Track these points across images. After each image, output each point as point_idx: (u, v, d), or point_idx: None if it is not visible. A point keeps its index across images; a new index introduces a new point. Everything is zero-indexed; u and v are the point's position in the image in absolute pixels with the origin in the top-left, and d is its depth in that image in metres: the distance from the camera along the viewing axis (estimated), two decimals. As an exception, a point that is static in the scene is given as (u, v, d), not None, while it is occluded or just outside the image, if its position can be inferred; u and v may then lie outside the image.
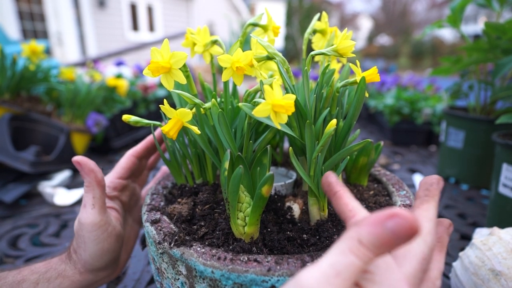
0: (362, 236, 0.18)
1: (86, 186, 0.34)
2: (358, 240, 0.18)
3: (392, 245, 0.18)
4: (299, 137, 0.34)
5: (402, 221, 0.17)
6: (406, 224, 0.17)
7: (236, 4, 8.49)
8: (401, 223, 0.17)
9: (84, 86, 1.05)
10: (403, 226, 0.17)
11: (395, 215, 0.17)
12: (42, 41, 1.14)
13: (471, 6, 0.87)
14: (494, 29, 0.66)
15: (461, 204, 0.74)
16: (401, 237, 0.17)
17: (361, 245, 0.18)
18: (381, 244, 0.18)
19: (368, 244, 0.18)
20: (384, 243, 0.18)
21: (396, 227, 0.17)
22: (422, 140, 1.27)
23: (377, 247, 0.18)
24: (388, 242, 0.17)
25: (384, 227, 0.18)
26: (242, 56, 0.31)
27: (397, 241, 0.17)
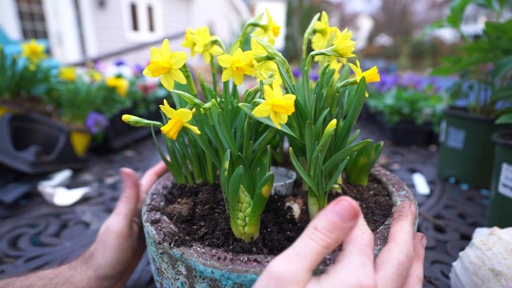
0: (316, 223, 0.22)
1: (126, 197, 0.38)
2: (314, 227, 0.22)
3: (341, 227, 0.22)
4: (299, 137, 0.34)
5: (345, 203, 0.22)
6: (348, 205, 0.22)
7: (236, 4, 8.49)
8: (344, 205, 0.22)
9: (84, 86, 1.05)
10: (346, 207, 0.22)
11: (339, 200, 0.22)
12: (42, 41, 1.14)
13: (471, 6, 0.87)
14: (494, 29, 0.66)
15: (461, 204, 0.74)
16: (346, 217, 0.22)
17: (316, 230, 0.22)
18: (331, 226, 0.21)
19: (321, 229, 0.22)
20: (334, 226, 0.21)
21: (340, 210, 0.22)
22: (422, 140, 1.27)
23: (329, 230, 0.21)
24: (337, 224, 0.21)
25: (331, 211, 0.22)
26: (242, 56, 0.31)
27: (344, 222, 0.22)
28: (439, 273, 0.49)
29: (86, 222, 0.66)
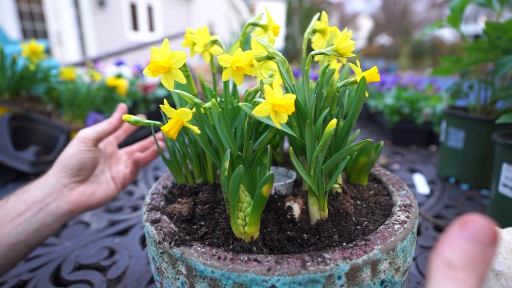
0: (450, 257, 0.16)
1: (109, 122, 0.46)
2: (448, 262, 0.16)
3: (484, 256, 0.15)
4: (299, 136, 0.34)
5: (477, 225, 0.16)
6: (483, 226, 0.16)
7: (236, 4, 8.49)
8: (477, 227, 0.16)
9: (84, 86, 1.05)
10: (481, 229, 0.16)
11: (467, 222, 0.16)
12: (42, 41, 1.14)
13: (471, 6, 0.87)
14: (495, 29, 0.66)
15: (461, 204, 0.74)
16: (486, 243, 0.16)
17: (454, 268, 0.15)
18: (473, 259, 0.15)
19: (461, 264, 0.15)
20: (476, 257, 0.15)
21: (474, 234, 0.16)
22: (422, 140, 1.27)
23: (472, 264, 0.15)
24: (477, 254, 0.15)
25: (464, 238, 0.16)
26: (242, 55, 0.31)
27: (485, 249, 0.15)
28: (439, 273, 0.49)
29: (86, 222, 0.66)
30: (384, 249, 0.27)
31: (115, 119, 0.47)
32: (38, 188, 0.42)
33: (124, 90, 1.21)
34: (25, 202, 0.41)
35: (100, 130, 0.45)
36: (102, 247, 0.56)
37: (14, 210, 0.40)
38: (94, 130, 0.45)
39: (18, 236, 0.39)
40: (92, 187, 0.46)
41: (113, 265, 0.51)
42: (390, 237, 0.28)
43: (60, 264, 0.52)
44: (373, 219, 0.33)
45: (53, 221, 0.42)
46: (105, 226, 0.64)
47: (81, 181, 0.45)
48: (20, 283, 0.48)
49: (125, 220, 0.66)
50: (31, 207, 0.41)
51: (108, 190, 0.48)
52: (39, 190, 0.42)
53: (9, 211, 0.40)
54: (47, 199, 0.42)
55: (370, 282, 0.26)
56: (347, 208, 0.35)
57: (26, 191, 0.42)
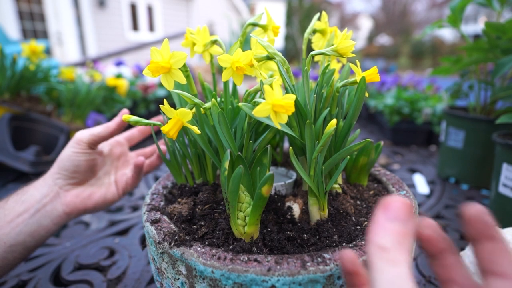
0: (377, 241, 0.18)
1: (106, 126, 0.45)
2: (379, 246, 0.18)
3: (407, 231, 0.18)
4: (299, 137, 0.34)
5: (396, 204, 0.18)
6: (399, 204, 0.18)
7: (236, 4, 8.49)
8: (396, 206, 0.18)
9: (84, 86, 1.05)
10: (399, 207, 0.18)
11: (388, 203, 0.18)
12: (42, 41, 1.14)
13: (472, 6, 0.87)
14: (494, 29, 0.66)
15: (461, 204, 0.74)
16: (406, 219, 0.18)
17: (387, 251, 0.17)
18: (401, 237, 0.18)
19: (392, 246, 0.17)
20: (402, 234, 0.18)
21: (395, 213, 0.18)
22: (422, 140, 1.27)
23: (400, 243, 0.17)
24: (403, 232, 0.18)
25: (385, 219, 0.18)
26: (242, 56, 0.31)
27: (406, 225, 0.18)
28: (439, 273, 0.49)
29: (86, 222, 0.66)
30: (384, 249, 0.27)
31: (113, 123, 0.45)
32: (37, 189, 0.42)
33: (124, 90, 1.21)
34: (24, 203, 0.40)
35: (96, 133, 0.44)
36: (102, 247, 0.56)
37: (13, 210, 0.40)
38: (89, 133, 0.44)
39: (16, 238, 0.39)
40: (89, 190, 0.45)
41: (113, 265, 0.51)
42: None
43: (60, 264, 0.52)
44: (373, 219, 0.33)
45: (49, 223, 0.41)
46: (105, 226, 0.64)
47: (77, 183, 0.44)
48: (20, 283, 0.48)
49: (125, 220, 0.66)
50: (28, 208, 0.40)
51: (107, 193, 0.46)
52: (37, 191, 0.42)
53: (8, 212, 0.40)
54: (43, 200, 0.41)
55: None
56: (347, 208, 0.35)
57: (25, 191, 0.42)
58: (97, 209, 0.46)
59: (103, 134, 0.45)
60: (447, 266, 0.21)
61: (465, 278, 0.21)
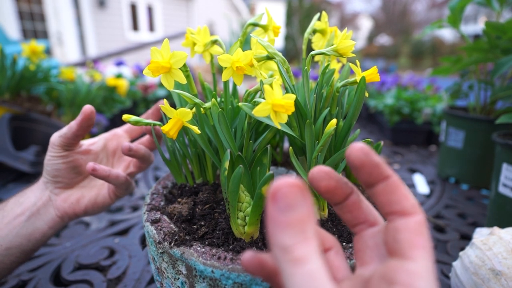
0: (276, 241, 0.15)
1: (70, 125, 0.40)
2: (273, 245, 0.16)
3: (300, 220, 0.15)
4: (299, 136, 0.34)
5: (278, 192, 0.15)
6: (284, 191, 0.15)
7: (236, 4, 8.49)
8: (279, 194, 0.15)
9: (84, 86, 1.05)
10: (283, 195, 0.15)
11: (271, 192, 0.15)
12: (42, 41, 1.14)
13: (471, 6, 0.87)
14: (494, 29, 0.66)
15: (461, 204, 0.74)
16: (294, 206, 0.15)
17: (290, 251, 0.15)
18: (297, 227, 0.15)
19: (292, 242, 0.15)
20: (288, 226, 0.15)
21: (279, 203, 0.15)
22: (422, 140, 1.27)
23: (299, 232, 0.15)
24: (290, 222, 0.15)
25: (271, 211, 0.15)
26: (242, 56, 0.31)
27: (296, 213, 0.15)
28: (439, 273, 0.49)
29: (86, 222, 0.66)
30: (384, 249, 0.27)
31: (75, 122, 0.40)
32: (33, 191, 0.42)
33: (124, 90, 1.21)
34: (21, 205, 0.40)
35: (63, 134, 0.41)
36: (102, 247, 0.56)
37: (11, 212, 0.40)
38: (58, 135, 0.41)
39: (13, 240, 0.38)
40: (78, 193, 0.43)
41: (113, 265, 0.51)
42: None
43: (60, 264, 0.52)
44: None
45: (44, 226, 0.40)
46: (105, 226, 0.64)
47: (64, 186, 0.42)
48: (20, 283, 0.48)
49: (125, 220, 0.66)
50: (24, 210, 0.40)
51: (98, 196, 0.43)
52: (33, 193, 0.41)
53: (7, 213, 0.39)
54: (37, 203, 0.41)
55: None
56: (347, 208, 0.35)
57: (24, 194, 0.41)
58: (90, 213, 0.43)
59: (68, 134, 0.41)
60: (353, 208, 0.20)
61: (372, 216, 0.20)
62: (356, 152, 0.18)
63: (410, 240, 0.16)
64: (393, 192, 0.18)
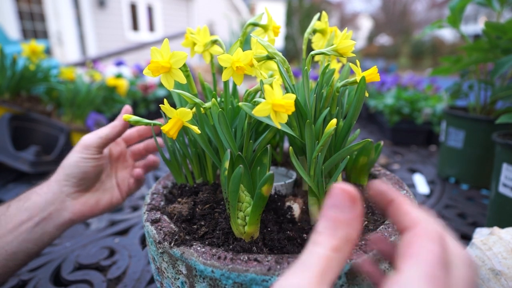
0: (317, 226, 0.18)
1: (112, 126, 0.42)
2: (316, 231, 0.18)
3: (344, 220, 0.18)
4: (299, 136, 0.34)
5: (336, 191, 0.18)
6: (340, 192, 0.18)
7: (236, 4, 8.49)
8: (335, 193, 0.18)
9: (84, 86, 1.05)
10: (338, 195, 0.18)
11: (331, 191, 0.19)
12: (42, 41, 1.14)
13: (471, 6, 0.87)
14: (494, 29, 0.66)
15: (461, 204, 0.74)
16: (344, 206, 0.18)
17: (318, 233, 0.18)
18: (333, 223, 0.18)
19: (323, 229, 0.18)
20: (335, 221, 0.18)
21: (334, 201, 0.18)
22: (422, 140, 1.27)
23: (332, 228, 0.18)
24: (338, 218, 0.18)
25: (326, 206, 0.18)
26: (242, 55, 0.31)
27: (344, 213, 0.18)
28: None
29: (86, 222, 0.66)
30: (384, 249, 0.27)
31: (119, 122, 0.42)
32: (40, 195, 0.40)
33: (124, 90, 1.21)
34: (27, 210, 0.39)
35: (104, 135, 0.41)
36: (102, 247, 0.56)
37: (15, 218, 0.38)
38: (97, 136, 0.41)
39: (19, 246, 0.38)
40: (95, 196, 0.44)
41: (113, 265, 0.51)
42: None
43: (60, 264, 0.52)
44: (373, 219, 0.33)
45: (53, 230, 0.40)
46: (105, 226, 0.64)
47: (84, 190, 0.43)
48: (20, 283, 0.48)
49: (125, 220, 0.66)
50: (32, 216, 0.39)
51: (112, 198, 0.45)
52: (41, 197, 0.40)
53: (10, 219, 0.38)
54: (49, 208, 0.40)
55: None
56: (347, 208, 0.35)
57: (28, 198, 0.40)
58: (103, 213, 0.45)
59: (111, 136, 0.42)
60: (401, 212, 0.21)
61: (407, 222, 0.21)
62: (369, 191, 0.22)
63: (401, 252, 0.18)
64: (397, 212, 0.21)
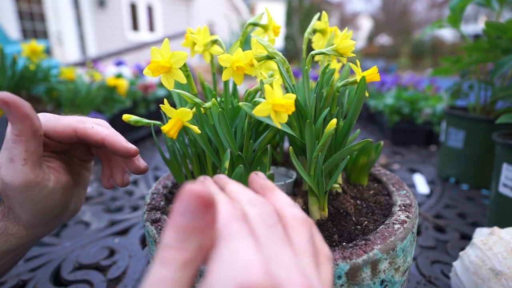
0: (163, 238, 0.15)
1: (16, 135, 0.26)
2: (162, 244, 0.15)
3: (197, 227, 0.15)
4: (299, 136, 0.34)
5: (184, 195, 0.15)
6: (189, 195, 0.15)
7: (236, 4, 8.49)
8: (184, 197, 0.15)
9: (84, 86, 1.05)
10: (188, 199, 0.15)
11: (179, 194, 0.15)
12: (42, 41, 1.14)
13: (471, 6, 0.87)
14: (494, 29, 0.66)
15: (461, 204, 0.74)
16: (196, 212, 0.15)
17: (165, 248, 0.15)
18: (182, 233, 0.15)
19: (171, 242, 0.15)
20: (186, 230, 0.15)
21: (184, 206, 0.15)
22: (422, 140, 1.27)
23: (182, 240, 0.15)
24: (189, 227, 0.15)
25: (175, 212, 0.15)
26: (242, 55, 0.31)
27: (197, 219, 0.15)
28: (439, 272, 0.49)
29: (86, 222, 0.66)
30: (384, 248, 0.27)
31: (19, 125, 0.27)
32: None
33: (124, 90, 1.21)
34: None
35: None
36: (102, 247, 0.56)
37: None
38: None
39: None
40: None
41: (113, 265, 0.51)
42: (390, 237, 0.28)
43: (60, 264, 0.52)
44: (373, 219, 0.33)
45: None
46: (105, 226, 0.64)
47: None
48: (20, 283, 0.48)
49: (125, 220, 0.66)
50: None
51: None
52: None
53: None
54: None
55: (370, 281, 0.26)
56: (347, 208, 0.35)
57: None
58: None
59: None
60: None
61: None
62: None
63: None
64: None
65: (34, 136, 0.27)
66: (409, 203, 0.34)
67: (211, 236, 0.16)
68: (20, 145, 0.26)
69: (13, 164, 0.27)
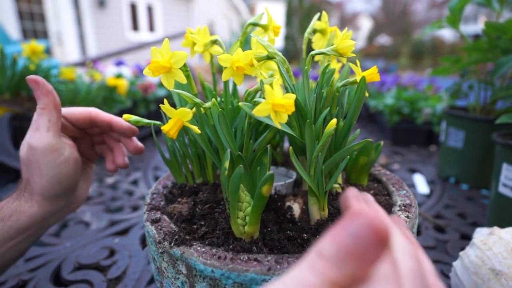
0: (322, 248, 0.15)
1: (41, 108, 0.34)
2: (319, 252, 0.15)
3: (361, 257, 0.14)
4: (299, 136, 0.34)
5: (363, 221, 0.14)
6: (368, 225, 0.14)
7: (236, 4, 8.49)
8: (363, 224, 0.14)
9: (84, 86, 1.05)
10: (366, 227, 0.14)
11: (356, 215, 0.14)
12: (42, 41, 1.14)
13: (471, 6, 0.87)
14: (494, 29, 0.66)
15: (461, 204, 0.74)
16: (368, 242, 0.14)
17: (321, 257, 0.14)
18: (345, 254, 0.14)
19: (330, 256, 0.14)
20: (349, 253, 0.14)
21: (357, 230, 0.14)
22: (422, 140, 1.27)
23: (341, 259, 0.14)
24: (354, 252, 0.14)
25: (345, 230, 0.14)
26: (242, 55, 0.31)
27: (364, 250, 0.14)
28: (440, 272, 0.49)
29: (86, 222, 0.66)
30: (384, 248, 0.27)
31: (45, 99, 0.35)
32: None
33: (124, 90, 1.21)
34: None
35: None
36: (102, 247, 0.56)
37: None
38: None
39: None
40: None
41: (113, 265, 0.51)
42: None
43: (60, 264, 0.52)
44: (373, 219, 0.33)
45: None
46: (105, 226, 0.64)
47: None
48: (20, 283, 0.48)
49: (125, 220, 0.66)
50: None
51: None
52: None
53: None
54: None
55: None
56: (347, 208, 0.35)
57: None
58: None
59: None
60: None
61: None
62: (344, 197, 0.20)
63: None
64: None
65: (56, 109, 0.34)
66: (409, 203, 0.34)
67: (368, 270, 0.14)
68: (44, 116, 0.34)
69: (39, 131, 0.33)
